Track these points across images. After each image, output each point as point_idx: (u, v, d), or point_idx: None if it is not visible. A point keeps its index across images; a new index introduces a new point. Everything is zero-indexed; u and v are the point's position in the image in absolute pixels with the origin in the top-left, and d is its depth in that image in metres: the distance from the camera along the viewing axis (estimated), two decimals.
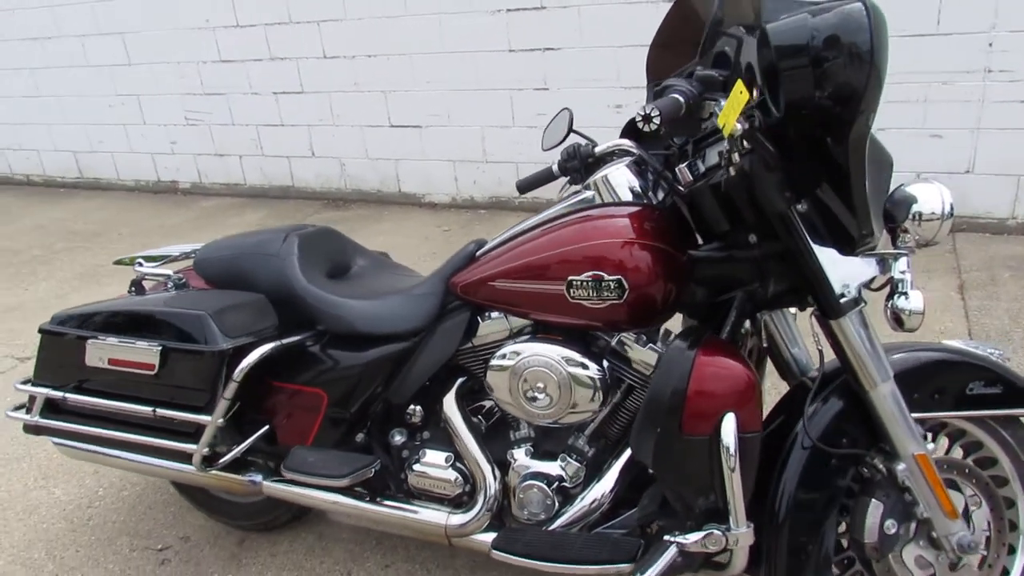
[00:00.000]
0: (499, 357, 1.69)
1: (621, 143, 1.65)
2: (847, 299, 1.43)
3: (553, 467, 1.74)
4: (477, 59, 4.76)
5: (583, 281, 1.55)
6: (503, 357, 1.68)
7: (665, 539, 1.50)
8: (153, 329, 1.83)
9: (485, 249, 1.79)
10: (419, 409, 1.88)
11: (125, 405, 1.87)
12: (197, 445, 1.84)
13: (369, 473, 1.81)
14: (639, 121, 1.33)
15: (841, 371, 1.53)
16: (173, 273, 2.07)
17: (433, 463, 1.84)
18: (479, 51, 4.74)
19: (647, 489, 1.65)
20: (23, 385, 2.01)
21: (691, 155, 1.59)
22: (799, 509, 1.52)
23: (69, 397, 1.94)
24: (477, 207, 5.15)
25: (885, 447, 1.52)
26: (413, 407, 1.88)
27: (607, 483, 1.69)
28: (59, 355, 1.93)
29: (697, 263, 1.58)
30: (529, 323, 1.72)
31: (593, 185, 1.65)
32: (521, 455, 1.77)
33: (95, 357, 1.86)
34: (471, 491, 1.81)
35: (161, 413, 1.84)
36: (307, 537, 2.28)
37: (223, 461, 1.87)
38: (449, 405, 1.81)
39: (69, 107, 6.35)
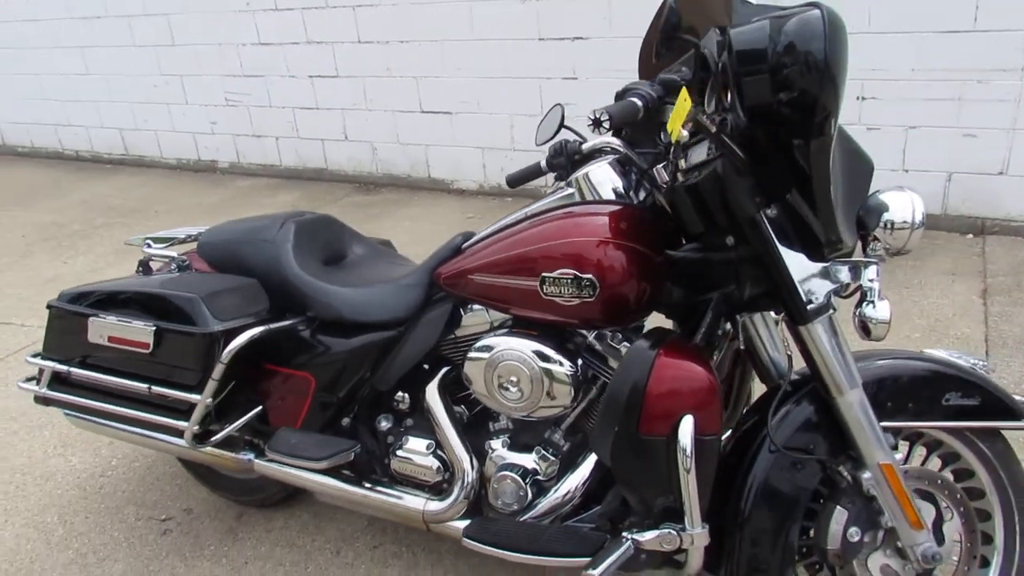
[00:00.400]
0: (476, 349, 1.72)
1: (609, 141, 1.66)
2: (814, 305, 1.42)
3: (528, 459, 1.76)
4: (506, 47, 4.76)
5: (556, 278, 1.56)
6: (479, 350, 1.71)
7: (623, 536, 1.51)
8: (149, 309, 1.89)
9: (471, 242, 1.81)
10: (406, 396, 1.92)
11: (123, 381, 1.95)
12: (188, 423, 1.91)
13: (348, 457, 1.87)
14: (589, 124, 1.34)
15: (812, 377, 1.53)
16: (177, 255, 2.14)
17: (415, 450, 1.88)
18: (509, 39, 4.74)
19: (614, 485, 1.67)
20: (33, 359, 2.10)
21: (672, 155, 1.59)
22: (763, 511, 1.52)
23: (73, 371, 2.02)
24: (503, 195, 5.16)
25: (852, 455, 1.52)
26: (401, 394, 1.92)
27: (579, 477, 1.71)
28: (64, 331, 2.01)
29: (674, 263, 1.58)
30: (509, 317, 1.75)
31: (575, 182, 1.66)
32: (498, 446, 1.80)
33: (96, 334, 1.93)
34: (450, 479, 1.85)
35: (156, 390, 1.91)
36: (302, 515, 2.35)
37: (215, 439, 1.94)
38: (431, 394, 1.85)
39: (116, 86, 6.52)
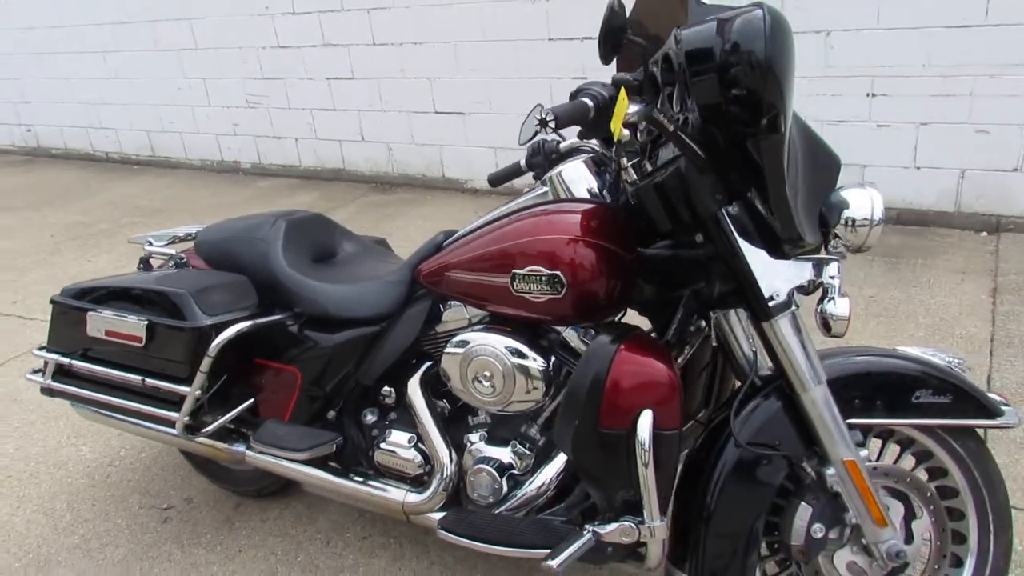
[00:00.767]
0: (452, 345, 1.75)
1: (587, 140, 1.68)
2: (776, 302, 1.43)
3: (504, 453, 1.79)
4: (518, 48, 4.80)
5: (525, 275, 1.59)
6: (456, 345, 1.74)
7: (585, 527, 1.54)
8: (144, 305, 1.96)
9: (451, 239, 1.85)
10: (392, 391, 1.97)
11: (119, 373, 2.01)
12: (179, 414, 1.97)
13: (329, 449, 1.91)
14: (537, 125, 1.37)
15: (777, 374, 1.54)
16: (177, 253, 2.21)
17: (397, 443, 1.92)
18: (520, 40, 4.78)
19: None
20: (39, 351, 2.19)
21: (615, 154, 1.60)
22: (727, 506, 1.53)
23: (75, 364, 2.10)
24: (514, 194, 5.16)
25: (818, 451, 1.52)
26: (387, 389, 1.97)
27: (553, 471, 1.73)
28: (66, 325, 2.09)
29: (646, 261, 1.60)
30: (486, 313, 1.78)
31: (548, 181, 1.69)
32: (476, 440, 1.83)
33: (94, 328, 2.01)
34: (430, 471, 1.89)
35: (149, 383, 1.97)
36: (296, 506, 2.41)
37: (206, 430, 2.00)
38: (413, 388, 1.88)
39: (142, 88, 6.68)
